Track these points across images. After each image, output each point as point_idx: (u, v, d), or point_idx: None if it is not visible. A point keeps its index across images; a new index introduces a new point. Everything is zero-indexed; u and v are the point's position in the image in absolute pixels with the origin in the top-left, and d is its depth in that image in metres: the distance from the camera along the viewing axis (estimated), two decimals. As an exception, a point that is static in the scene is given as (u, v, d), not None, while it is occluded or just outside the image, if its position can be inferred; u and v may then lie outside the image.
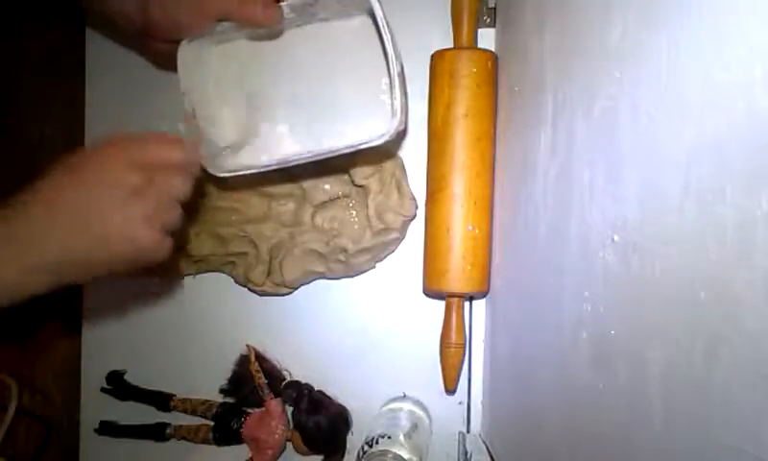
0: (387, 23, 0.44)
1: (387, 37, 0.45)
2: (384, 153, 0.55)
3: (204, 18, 0.45)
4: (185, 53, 0.47)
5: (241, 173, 0.47)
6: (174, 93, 0.47)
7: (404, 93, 0.45)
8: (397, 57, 0.45)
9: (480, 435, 0.57)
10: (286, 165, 0.47)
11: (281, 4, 0.46)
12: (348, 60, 0.50)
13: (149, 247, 0.39)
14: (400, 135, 0.48)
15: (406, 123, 0.47)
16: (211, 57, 0.49)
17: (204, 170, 0.45)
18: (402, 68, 0.45)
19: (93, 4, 0.48)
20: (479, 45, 0.56)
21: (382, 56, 0.46)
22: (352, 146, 0.46)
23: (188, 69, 0.47)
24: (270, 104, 0.51)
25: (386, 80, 0.48)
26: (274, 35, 0.50)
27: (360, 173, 0.55)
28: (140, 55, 0.60)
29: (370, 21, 0.48)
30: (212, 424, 0.59)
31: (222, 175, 0.47)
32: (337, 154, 0.46)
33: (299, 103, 0.51)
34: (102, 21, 0.58)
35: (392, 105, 0.45)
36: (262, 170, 0.47)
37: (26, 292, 0.37)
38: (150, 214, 0.38)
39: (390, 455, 0.48)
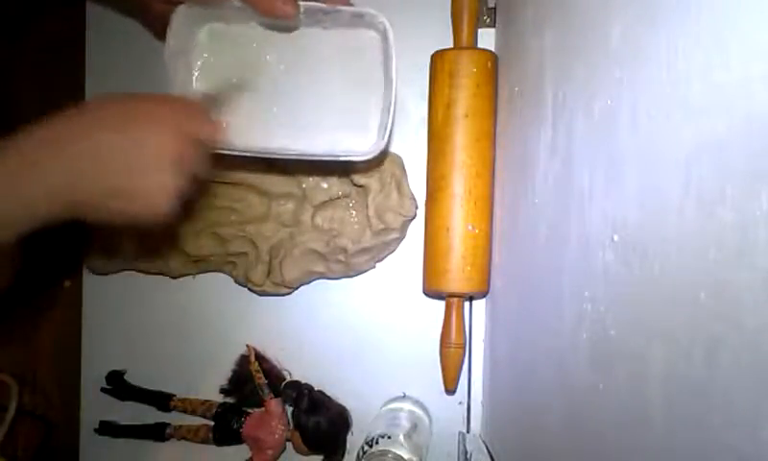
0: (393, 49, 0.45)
1: (393, 63, 0.45)
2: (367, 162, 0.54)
3: None
4: (180, 18, 0.45)
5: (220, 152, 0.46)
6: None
7: (393, 118, 0.46)
8: (395, 82, 0.45)
9: (480, 435, 0.57)
10: (264, 155, 0.47)
11: (299, 2, 0.45)
12: (345, 70, 0.50)
13: (163, 213, 0.39)
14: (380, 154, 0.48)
15: (388, 144, 0.48)
16: (205, 30, 0.49)
17: None
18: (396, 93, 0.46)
19: None
20: (479, 45, 0.56)
21: (374, 71, 0.47)
22: (333, 156, 0.46)
23: (179, 36, 0.46)
24: (258, 92, 0.50)
25: (377, 99, 0.48)
26: (281, 28, 0.49)
27: (360, 173, 0.55)
28: (141, 23, 0.58)
29: (374, 39, 0.48)
30: (212, 424, 0.59)
31: None
32: (317, 160, 0.47)
33: (288, 99, 0.50)
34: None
35: (382, 127, 0.45)
36: (239, 154, 0.46)
37: (38, 217, 0.36)
38: (180, 186, 0.39)
39: (390, 455, 0.48)
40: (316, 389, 0.58)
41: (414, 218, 0.57)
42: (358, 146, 0.47)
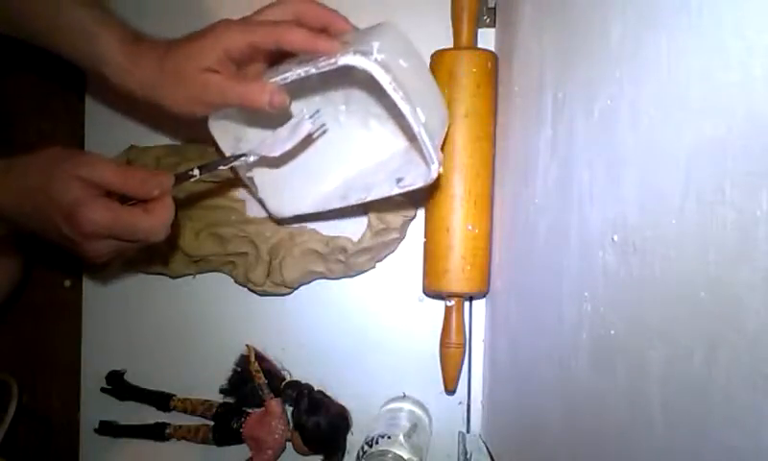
0: (395, 81, 0.40)
1: (398, 97, 0.40)
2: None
3: (205, 107, 0.45)
4: (215, 127, 0.48)
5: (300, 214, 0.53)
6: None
7: (433, 140, 0.42)
8: (416, 105, 0.41)
9: (480, 435, 0.57)
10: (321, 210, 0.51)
11: (277, 80, 0.42)
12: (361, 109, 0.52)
13: (90, 257, 0.42)
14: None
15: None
16: (237, 119, 0.50)
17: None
18: (430, 113, 0.43)
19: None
20: (479, 45, 0.56)
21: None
22: (390, 192, 0.47)
23: (223, 136, 0.49)
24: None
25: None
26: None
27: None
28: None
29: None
30: (212, 423, 0.59)
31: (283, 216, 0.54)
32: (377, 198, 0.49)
33: (333, 154, 0.52)
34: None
35: (424, 155, 0.43)
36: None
37: None
38: (97, 253, 0.41)
39: (390, 455, 0.48)
40: (316, 389, 0.58)
41: (414, 218, 0.57)
42: (415, 172, 0.47)
